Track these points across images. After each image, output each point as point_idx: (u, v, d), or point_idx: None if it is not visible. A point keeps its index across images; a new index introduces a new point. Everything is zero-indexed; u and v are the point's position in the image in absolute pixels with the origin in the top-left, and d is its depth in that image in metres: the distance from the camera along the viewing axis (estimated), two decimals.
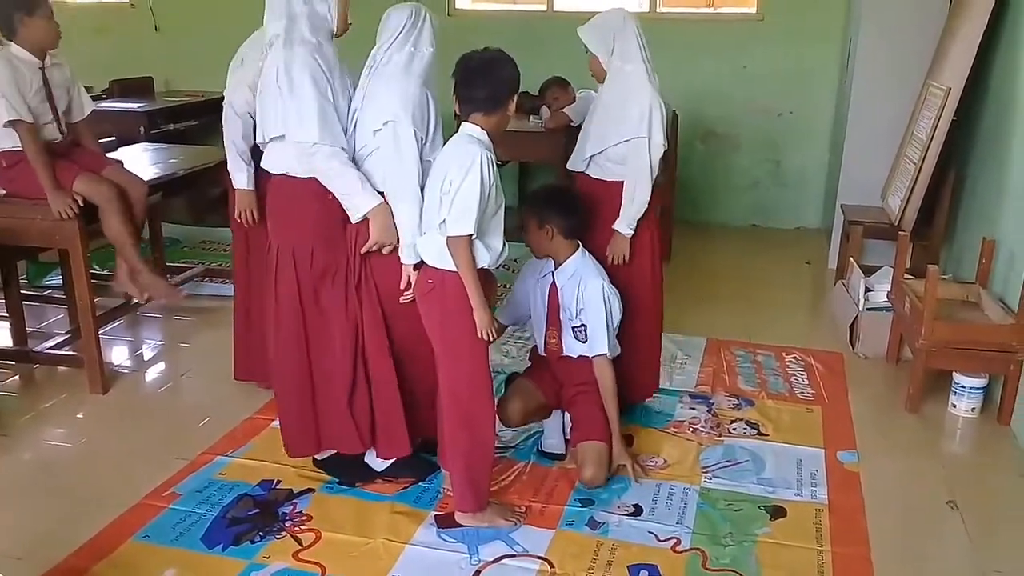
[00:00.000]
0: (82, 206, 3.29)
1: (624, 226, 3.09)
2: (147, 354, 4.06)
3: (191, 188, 4.26)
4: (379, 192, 2.60)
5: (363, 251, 2.62)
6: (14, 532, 2.63)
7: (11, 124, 3.18)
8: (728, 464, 3.04)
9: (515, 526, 2.65)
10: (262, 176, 2.95)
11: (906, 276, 3.83)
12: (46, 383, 3.69)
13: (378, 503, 2.77)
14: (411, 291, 2.61)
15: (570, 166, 3.25)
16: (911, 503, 2.89)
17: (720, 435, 3.24)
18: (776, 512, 2.76)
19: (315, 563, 2.48)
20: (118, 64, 6.73)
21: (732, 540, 2.61)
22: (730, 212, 6.40)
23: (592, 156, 3.11)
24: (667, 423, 3.33)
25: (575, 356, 2.98)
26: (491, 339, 2.50)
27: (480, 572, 2.46)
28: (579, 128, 3.28)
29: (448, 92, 2.53)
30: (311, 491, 2.83)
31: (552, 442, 3.10)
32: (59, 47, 3.37)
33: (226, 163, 3.18)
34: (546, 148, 4.71)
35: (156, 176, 3.90)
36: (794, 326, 4.40)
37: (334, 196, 2.65)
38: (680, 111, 5.29)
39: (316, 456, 2.93)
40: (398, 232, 2.58)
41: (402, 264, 2.61)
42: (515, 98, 2.49)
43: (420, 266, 2.56)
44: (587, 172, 3.16)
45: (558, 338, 3.00)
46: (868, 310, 4.01)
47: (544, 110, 4.79)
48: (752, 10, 6.17)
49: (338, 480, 2.88)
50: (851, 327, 4.09)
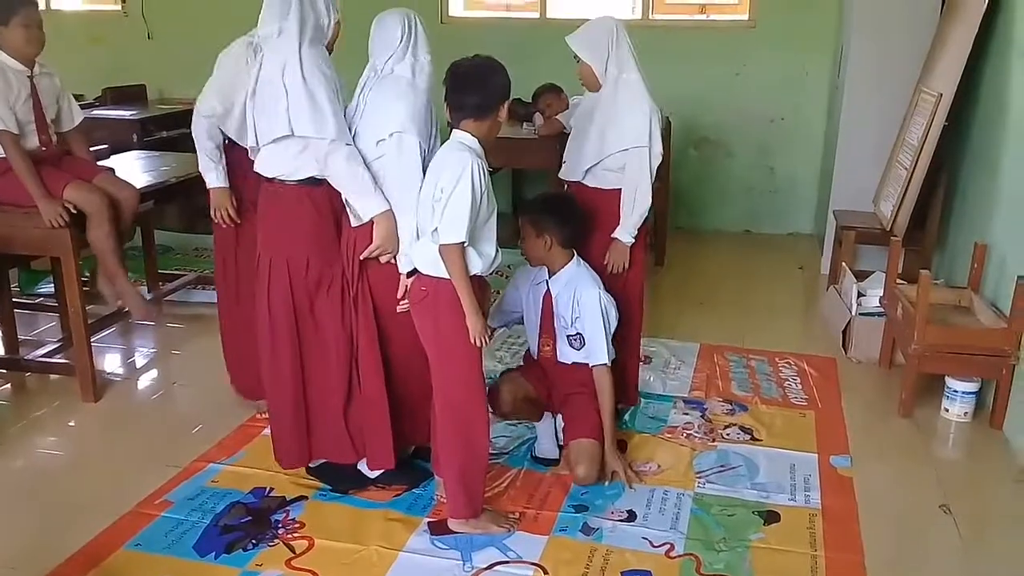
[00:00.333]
0: (73, 213, 3.28)
1: (625, 234, 3.09)
2: (139, 362, 4.05)
3: (184, 195, 4.25)
4: None
5: (363, 256, 2.61)
6: (6, 540, 2.62)
7: None
8: (722, 469, 3.04)
9: (508, 532, 2.64)
10: (245, 180, 2.96)
11: (898, 281, 3.83)
12: (38, 391, 3.67)
13: (371, 510, 2.76)
14: (407, 300, 2.61)
15: (565, 176, 3.23)
16: (904, 507, 2.89)
17: (714, 440, 3.24)
18: (770, 517, 2.76)
19: (308, 570, 2.47)
20: (111, 72, 6.74)
21: (726, 545, 2.61)
22: (723, 218, 6.42)
23: (591, 167, 3.10)
24: (660, 428, 3.33)
25: (569, 363, 2.99)
26: (484, 345, 2.50)
27: None
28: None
29: (440, 99, 2.53)
30: (304, 498, 2.82)
31: (545, 447, 3.10)
32: (44, 55, 3.33)
33: None
34: (539, 155, 4.71)
35: (149, 183, 3.89)
36: (787, 331, 4.40)
37: (329, 204, 2.65)
38: (673, 118, 5.30)
39: (309, 463, 2.93)
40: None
41: (400, 273, 2.61)
42: (506, 105, 2.49)
43: (413, 274, 2.56)
44: (583, 182, 3.15)
45: (552, 345, 3.01)
46: (861, 315, 4.02)
47: (537, 117, 4.79)
48: (744, 17, 6.20)
49: (331, 487, 2.87)
50: (844, 332, 4.10)
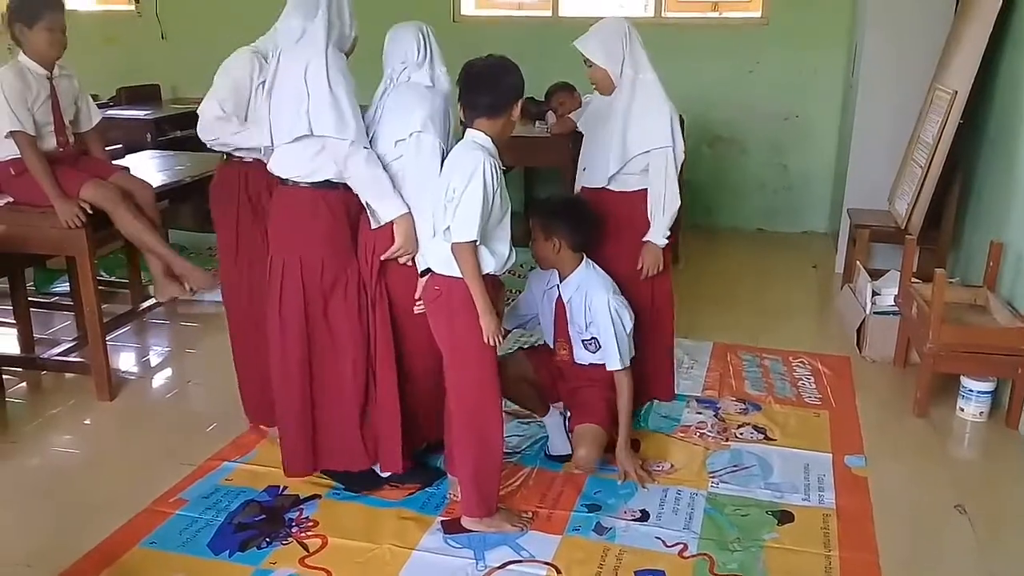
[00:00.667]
0: (90, 213, 3.29)
1: (659, 236, 3.10)
2: (154, 360, 4.07)
3: (198, 194, 4.26)
4: None
5: (383, 257, 2.61)
6: (22, 538, 2.64)
7: (12, 135, 3.20)
8: (735, 469, 3.03)
9: (522, 531, 2.65)
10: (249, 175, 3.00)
11: (913, 280, 3.81)
12: (53, 390, 3.70)
13: (385, 509, 2.77)
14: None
15: (587, 183, 3.20)
16: (919, 507, 2.87)
17: (727, 440, 3.24)
18: (783, 517, 2.75)
19: (322, 569, 2.48)
20: (125, 72, 6.76)
21: (739, 545, 2.60)
22: (736, 216, 6.40)
23: (615, 174, 3.08)
24: (674, 428, 3.33)
25: (586, 364, 3.00)
26: (498, 344, 2.50)
27: None
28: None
29: (454, 100, 2.54)
30: (317, 497, 2.83)
31: (557, 444, 3.09)
32: (63, 57, 3.36)
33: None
34: (552, 153, 4.71)
35: (163, 183, 3.92)
36: (801, 330, 4.39)
37: (344, 208, 2.64)
38: (687, 116, 5.25)
39: (314, 472, 2.89)
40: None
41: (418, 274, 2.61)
42: (519, 103, 2.49)
43: (427, 273, 2.57)
44: (608, 187, 3.12)
45: (568, 348, 3.03)
46: (875, 314, 4.00)
47: (550, 115, 4.78)
48: (757, 14, 6.18)
49: (344, 486, 2.87)
50: (858, 331, 4.08)
